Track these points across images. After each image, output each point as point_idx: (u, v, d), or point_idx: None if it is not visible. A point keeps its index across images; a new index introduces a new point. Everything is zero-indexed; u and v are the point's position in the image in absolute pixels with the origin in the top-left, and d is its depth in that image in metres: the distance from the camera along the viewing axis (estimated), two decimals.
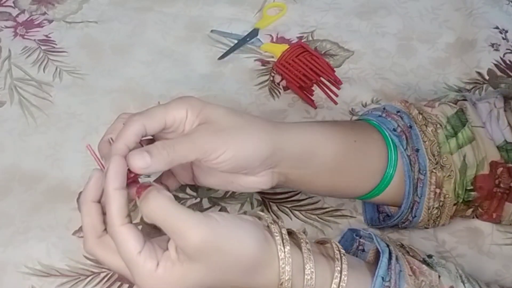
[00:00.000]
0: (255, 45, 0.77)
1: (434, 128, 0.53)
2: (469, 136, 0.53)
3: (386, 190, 0.53)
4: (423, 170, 0.52)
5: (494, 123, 0.54)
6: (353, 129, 0.53)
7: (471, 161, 0.52)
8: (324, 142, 0.50)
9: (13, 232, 0.60)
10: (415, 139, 0.52)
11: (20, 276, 0.57)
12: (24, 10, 0.83)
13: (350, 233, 0.52)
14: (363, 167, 0.52)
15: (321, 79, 0.71)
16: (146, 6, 0.82)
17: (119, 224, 0.41)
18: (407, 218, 0.54)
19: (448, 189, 0.52)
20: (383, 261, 0.44)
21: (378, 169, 0.52)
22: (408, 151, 0.52)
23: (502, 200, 0.53)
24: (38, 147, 0.67)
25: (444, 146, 0.52)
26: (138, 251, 0.41)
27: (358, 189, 0.53)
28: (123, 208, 0.42)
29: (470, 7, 0.78)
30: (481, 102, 0.56)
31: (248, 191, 0.52)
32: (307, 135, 0.50)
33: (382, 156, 0.52)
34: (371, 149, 0.52)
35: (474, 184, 0.52)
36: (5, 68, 0.75)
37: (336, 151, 0.50)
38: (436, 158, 0.52)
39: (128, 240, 0.41)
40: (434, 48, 0.75)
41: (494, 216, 0.55)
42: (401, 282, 0.44)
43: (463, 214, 0.55)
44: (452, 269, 0.47)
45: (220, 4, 0.82)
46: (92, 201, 0.44)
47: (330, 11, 0.80)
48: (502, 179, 0.52)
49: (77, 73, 0.75)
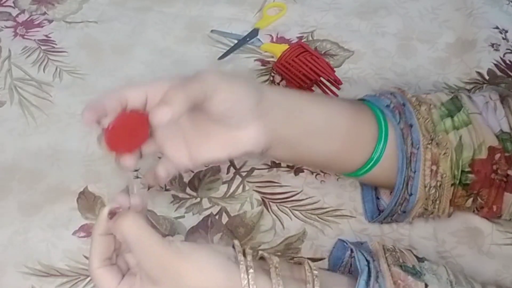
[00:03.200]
0: (255, 45, 0.77)
1: (427, 108, 0.54)
2: (464, 119, 0.53)
3: (378, 166, 0.53)
4: (416, 144, 0.52)
5: (491, 113, 0.54)
6: (344, 100, 0.55)
7: (468, 142, 0.53)
8: (312, 101, 0.53)
9: (13, 232, 0.60)
10: (408, 115, 0.53)
11: (20, 276, 0.57)
12: (24, 10, 0.83)
13: (340, 242, 0.53)
14: (354, 136, 0.53)
15: (321, 79, 0.71)
16: (146, 6, 0.82)
17: (97, 266, 0.46)
18: (404, 196, 0.53)
19: (445, 168, 0.52)
20: (361, 283, 0.45)
21: (369, 141, 0.53)
22: (401, 125, 0.53)
23: (501, 189, 0.53)
24: (38, 147, 0.67)
25: (439, 125, 0.53)
26: (115, 286, 0.46)
27: (349, 161, 0.54)
28: (103, 252, 0.47)
29: (470, 7, 0.78)
30: (476, 95, 0.56)
31: (240, 155, 0.52)
32: (295, 93, 0.53)
33: (373, 130, 0.53)
34: (361, 120, 0.53)
35: (472, 168, 0.53)
36: (5, 68, 0.75)
37: (325, 112, 0.52)
38: (431, 135, 0.52)
39: (105, 279, 0.46)
40: (434, 48, 0.75)
41: (495, 208, 0.54)
42: None
43: (463, 205, 0.55)
44: (443, 275, 0.47)
45: (220, 4, 0.82)
46: (99, 235, 0.47)
47: (330, 11, 0.80)
48: (500, 165, 0.53)
49: (77, 73, 0.75)
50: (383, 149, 0.53)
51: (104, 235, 0.47)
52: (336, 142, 0.53)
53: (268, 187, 0.63)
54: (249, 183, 0.63)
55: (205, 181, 0.63)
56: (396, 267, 0.46)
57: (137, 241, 0.44)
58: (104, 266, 0.46)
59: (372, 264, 0.46)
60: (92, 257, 0.46)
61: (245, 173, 0.63)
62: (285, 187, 0.62)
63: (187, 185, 0.63)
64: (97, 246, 0.46)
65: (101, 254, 0.46)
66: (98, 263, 0.46)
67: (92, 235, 0.47)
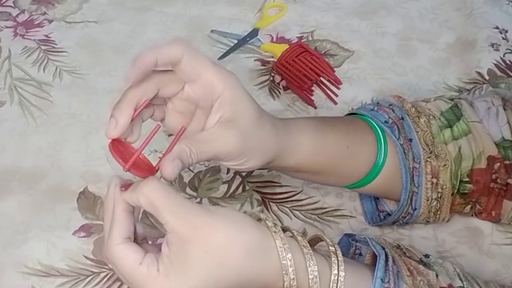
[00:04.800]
0: (255, 45, 0.77)
1: (427, 119, 0.54)
2: (464, 129, 0.53)
3: (378, 178, 0.53)
4: (417, 158, 0.52)
5: (493, 120, 0.54)
6: (348, 133, 0.53)
7: (467, 153, 0.52)
8: (310, 133, 0.51)
9: (13, 232, 0.60)
10: (407, 129, 0.53)
11: (20, 276, 0.57)
12: (24, 10, 0.83)
13: (346, 238, 0.53)
14: (352, 165, 0.53)
15: (321, 79, 0.71)
16: (146, 6, 0.82)
17: (117, 242, 0.42)
18: (408, 211, 0.53)
19: (445, 179, 0.52)
20: (380, 262, 0.44)
21: (368, 162, 0.53)
22: (401, 140, 0.53)
23: (500, 197, 0.53)
24: (38, 147, 0.67)
25: (438, 136, 0.53)
26: (139, 262, 0.41)
27: (348, 176, 0.53)
28: (125, 230, 0.43)
29: (470, 7, 0.78)
30: (478, 101, 0.56)
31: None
32: (293, 128, 0.51)
33: (373, 152, 0.53)
34: (362, 151, 0.53)
35: (471, 177, 0.53)
36: (5, 68, 0.75)
37: (328, 155, 0.51)
38: (430, 148, 0.52)
39: (127, 255, 0.42)
40: (434, 48, 0.75)
41: (493, 214, 0.54)
42: (400, 282, 0.44)
43: (461, 211, 0.55)
44: (449, 268, 0.47)
45: (220, 4, 0.82)
46: (123, 210, 0.44)
47: (330, 11, 0.80)
48: (499, 175, 0.52)
49: (77, 73, 0.75)
50: (382, 164, 0.52)
51: (127, 211, 0.43)
52: (335, 164, 0.52)
53: (268, 187, 0.62)
54: (249, 183, 0.63)
55: (205, 181, 0.63)
56: (405, 258, 0.47)
57: (165, 202, 0.41)
58: (125, 242, 0.42)
59: (387, 249, 0.46)
60: (113, 234, 0.42)
61: (245, 173, 0.63)
62: (285, 187, 0.62)
63: (187, 185, 0.63)
64: (119, 221, 0.43)
65: (123, 230, 0.43)
66: (119, 239, 0.42)
67: (112, 212, 0.43)
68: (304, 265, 0.42)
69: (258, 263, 0.42)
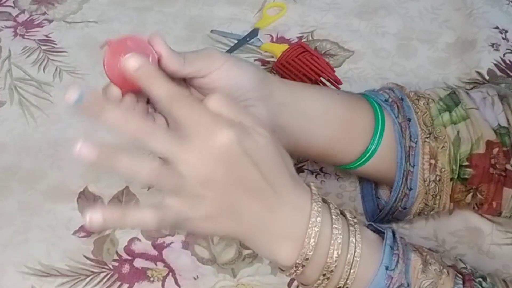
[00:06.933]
0: (255, 45, 0.77)
1: (426, 102, 0.54)
2: (462, 114, 0.54)
3: (375, 159, 0.53)
4: (414, 138, 0.52)
5: (488, 109, 0.54)
6: (341, 91, 0.56)
7: (465, 137, 0.53)
8: (310, 88, 0.54)
9: (13, 232, 0.60)
10: (406, 109, 0.54)
11: (20, 276, 0.57)
12: (24, 10, 0.83)
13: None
14: (350, 125, 0.53)
15: (321, 79, 0.71)
16: (146, 6, 0.82)
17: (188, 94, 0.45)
18: (404, 191, 0.53)
19: (444, 162, 0.52)
20: (389, 234, 0.46)
21: (366, 133, 0.53)
22: (399, 119, 0.53)
23: (500, 184, 0.53)
24: (38, 147, 0.67)
25: (437, 119, 0.53)
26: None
27: (346, 151, 0.54)
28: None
29: (470, 7, 0.78)
30: (473, 91, 0.57)
31: None
32: (293, 81, 0.54)
33: (369, 121, 0.53)
34: (358, 110, 0.53)
35: (470, 162, 0.53)
36: (5, 68, 0.75)
37: (322, 98, 0.53)
38: (429, 129, 0.53)
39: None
40: (434, 48, 0.75)
41: (495, 205, 0.54)
42: (409, 252, 0.45)
43: (462, 201, 0.55)
44: (451, 257, 0.49)
45: (220, 4, 0.82)
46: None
47: (330, 11, 0.80)
48: (498, 160, 0.53)
49: (77, 73, 0.75)
50: (379, 141, 0.53)
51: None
52: (333, 130, 0.53)
53: None
54: None
55: None
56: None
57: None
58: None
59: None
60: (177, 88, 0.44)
61: None
62: None
63: None
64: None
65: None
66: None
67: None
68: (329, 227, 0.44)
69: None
